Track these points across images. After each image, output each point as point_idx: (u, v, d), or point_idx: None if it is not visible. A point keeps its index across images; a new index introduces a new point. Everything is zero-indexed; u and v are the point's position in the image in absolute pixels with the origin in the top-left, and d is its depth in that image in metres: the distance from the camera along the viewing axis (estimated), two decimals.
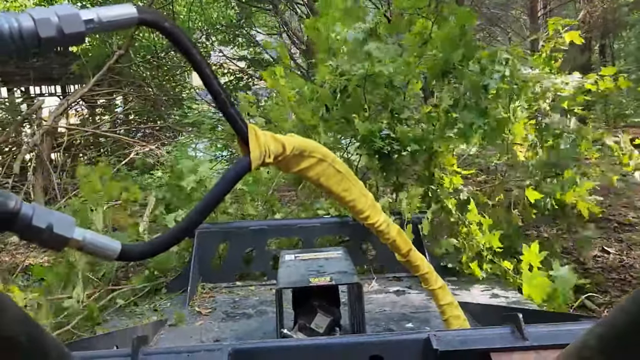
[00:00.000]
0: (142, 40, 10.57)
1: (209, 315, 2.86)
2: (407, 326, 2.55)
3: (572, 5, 12.47)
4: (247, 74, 10.68)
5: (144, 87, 10.15)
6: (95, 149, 9.61)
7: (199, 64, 0.85)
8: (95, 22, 0.66)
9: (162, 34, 0.79)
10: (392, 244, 1.51)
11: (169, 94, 10.93)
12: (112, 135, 8.80)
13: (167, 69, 11.39)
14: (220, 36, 11.67)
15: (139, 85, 10.26)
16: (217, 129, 9.43)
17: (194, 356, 1.13)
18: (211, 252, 3.46)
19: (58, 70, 10.23)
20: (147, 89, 10.01)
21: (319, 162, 1.23)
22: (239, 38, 11.55)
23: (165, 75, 11.42)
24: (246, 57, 11.31)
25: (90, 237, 0.72)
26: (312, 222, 3.54)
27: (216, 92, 0.89)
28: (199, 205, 0.91)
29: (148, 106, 10.77)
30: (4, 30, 0.58)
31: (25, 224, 0.63)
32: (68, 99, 8.22)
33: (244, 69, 10.68)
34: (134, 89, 10.35)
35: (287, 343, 1.37)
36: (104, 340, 1.79)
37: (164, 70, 11.27)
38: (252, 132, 1.00)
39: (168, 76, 11.49)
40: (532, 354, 1.10)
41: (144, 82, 10.12)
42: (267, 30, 11.89)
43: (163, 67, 11.20)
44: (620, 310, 0.59)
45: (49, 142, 7.39)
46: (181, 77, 12.27)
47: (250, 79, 10.66)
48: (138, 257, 0.83)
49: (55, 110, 7.73)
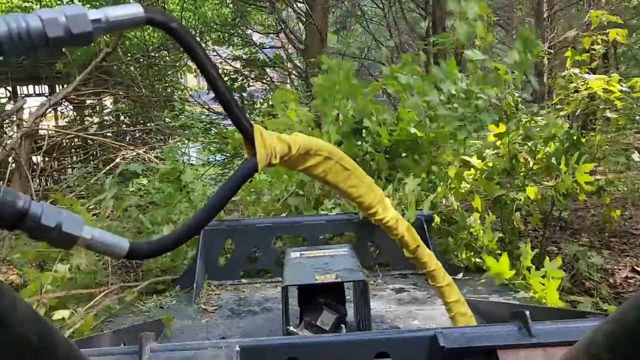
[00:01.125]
0: (132, 39, 10.20)
1: (215, 313, 2.86)
2: (413, 323, 2.55)
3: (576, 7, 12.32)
4: (243, 75, 10.31)
5: (133, 88, 9.59)
6: (83, 152, 9.24)
7: (205, 64, 0.85)
8: (102, 21, 0.66)
9: (169, 34, 0.79)
10: (400, 240, 1.51)
11: (160, 95, 10.51)
12: (97, 138, 8.30)
13: (159, 69, 10.94)
14: (215, 35, 11.26)
15: (128, 86, 9.69)
16: (210, 132, 9.29)
17: (201, 353, 1.13)
18: (217, 250, 3.47)
19: (45, 70, 9.70)
20: (137, 89, 9.49)
21: (325, 159, 1.23)
22: (235, 38, 11.19)
23: (156, 75, 10.93)
24: (241, 57, 10.95)
25: (98, 235, 0.73)
26: (318, 220, 3.54)
27: (221, 93, 0.89)
28: (207, 204, 0.92)
29: (137, 107, 10.33)
30: (12, 32, 0.58)
31: (34, 223, 0.64)
32: (50, 100, 7.73)
33: (239, 69, 10.30)
34: (122, 90, 9.82)
35: (293, 340, 1.37)
36: (111, 338, 1.80)
37: (155, 70, 10.82)
38: (258, 133, 1.00)
39: (159, 76, 11.01)
40: (539, 351, 1.09)
41: (133, 82, 9.55)
42: (264, 29, 11.47)
43: (154, 66, 10.74)
44: (629, 307, 0.59)
45: (27, 145, 6.92)
46: (174, 77, 11.86)
47: (245, 79, 10.29)
48: (146, 256, 0.83)
49: (36, 112, 7.26)
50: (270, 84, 10.22)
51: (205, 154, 9.93)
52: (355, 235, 3.55)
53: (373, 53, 10.52)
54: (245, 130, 0.98)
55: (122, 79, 9.57)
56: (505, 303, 2.65)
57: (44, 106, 7.43)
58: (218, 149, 9.52)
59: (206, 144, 9.48)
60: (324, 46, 8.45)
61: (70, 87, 7.86)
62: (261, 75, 10.12)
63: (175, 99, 10.65)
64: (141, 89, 9.49)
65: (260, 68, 10.00)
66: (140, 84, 9.61)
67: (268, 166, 1.04)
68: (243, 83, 10.04)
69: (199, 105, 10.18)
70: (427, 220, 3.40)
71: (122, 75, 9.62)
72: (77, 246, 0.70)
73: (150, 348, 1.13)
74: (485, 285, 3.10)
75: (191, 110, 10.76)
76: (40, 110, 7.34)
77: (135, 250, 0.78)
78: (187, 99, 10.81)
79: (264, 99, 10.57)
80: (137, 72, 10.08)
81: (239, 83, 9.88)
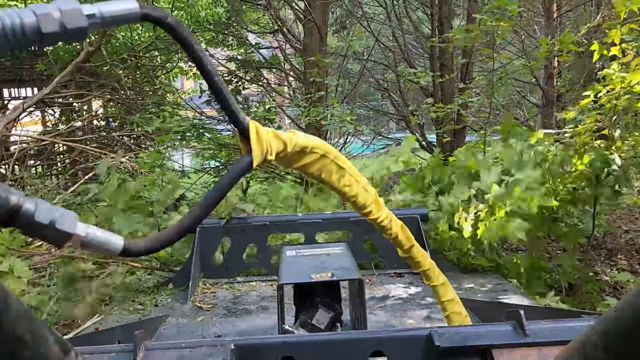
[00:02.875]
0: (118, 37, 9.53)
1: (210, 311, 2.86)
2: (408, 322, 2.56)
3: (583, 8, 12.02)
4: (237, 77, 9.56)
5: (119, 90, 8.78)
6: (67, 160, 8.56)
7: (201, 60, 0.85)
8: (97, 17, 0.65)
9: (165, 30, 0.79)
10: (394, 240, 1.51)
11: (149, 98, 9.63)
12: (73, 144, 7.62)
13: (148, 70, 10.06)
14: (209, 36, 10.63)
15: (113, 88, 8.85)
16: (204, 137, 8.73)
17: (196, 352, 1.13)
18: (213, 248, 3.47)
19: (29, 71, 9.10)
20: (122, 92, 8.74)
21: (321, 158, 1.23)
22: (229, 38, 10.55)
23: (144, 77, 10.09)
24: (236, 58, 10.23)
25: (92, 232, 0.72)
26: (314, 218, 3.54)
27: (218, 90, 0.89)
28: (202, 201, 0.91)
29: (122, 111, 9.59)
30: (6, 27, 0.58)
31: (28, 220, 0.63)
32: (24, 103, 7.17)
33: (234, 71, 9.55)
34: (108, 92, 9.00)
35: (288, 339, 1.37)
36: (105, 336, 1.80)
37: (144, 70, 9.97)
38: (254, 129, 1.00)
39: (148, 78, 10.16)
40: (534, 350, 1.10)
41: (118, 84, 8.67)
42: (260, 28, 10.88)
43: (143, 67, 9.87)
44: (623, 306, 0.59)
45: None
46: (167, 79, 11.02)
47: (240, 82, 9.57)
48: (141, 253, 0.83)
49: (9, 115, 6.82)
50: (266, 86, 9.76)
51: (200, 160, 9.46)
52: (351, 234, 3.55)
53: (374, 54, 10.04)
54: (241, 126, 0.98)
55: (106, 81, 8.80)
56: (500, 302, 2.66)
57: (17, 110, 6.98)
58: (212, 155, 9.16)
59: (199, 151, 9.08)
60: (324, 45, 8.13)
61: (47, 89, 7.26)
62: (257, 77, 9.65)
63: (165, 103, 9.89)
64: (127, 91, 8.86)
65: (256, 70, 9.41)
66: (126, 86, 8.99)
67: (264, 163, 1.04)
68: (238, 86, 9.45)
69: (192, 109, 9.63)
70: (422, 218, 3.40)
71: (107, 77, 8.85)
72: (70, 243, 0.69)
73: (145, 346, 1.13)
74: (479, 285, 3.11)
75: (183, 114, 9.99)
76: (13, 115, 6.90)
77: (129, 247, 0.77)
78: (181, 103, 10.17)
79: (259, 102, 10.20)
80: (124, 74, 9.29)
81: (234, 85, 9.26)
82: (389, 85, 10.10)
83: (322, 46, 7.86)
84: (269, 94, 9.61)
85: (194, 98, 10.38)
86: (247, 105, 9.11)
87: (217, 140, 8.64)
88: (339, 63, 8.78)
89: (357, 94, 11.42)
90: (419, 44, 10.42)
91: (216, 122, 9.30)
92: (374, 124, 12.84)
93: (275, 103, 9.39)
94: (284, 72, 9.88)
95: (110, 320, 2.80)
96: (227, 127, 9.19)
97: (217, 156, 9.14)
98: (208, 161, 9.34)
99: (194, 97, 10.15)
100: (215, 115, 9.18)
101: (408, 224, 1.58)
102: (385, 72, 10.55)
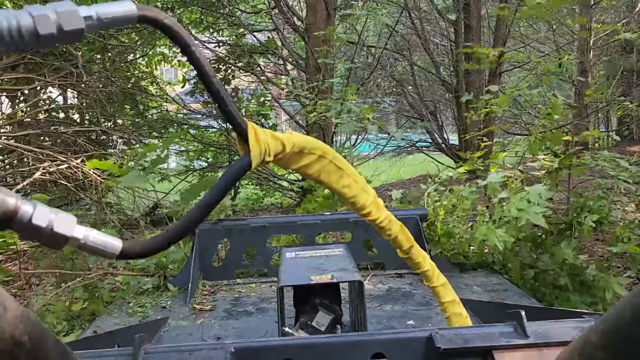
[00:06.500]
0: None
1: (210, 313, 2.85)
2: (408, 324, 2.55)
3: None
4: (227, 64, 8.17)
5: (80, 76, 6.74)
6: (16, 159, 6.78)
7: (198, 61, 0.85)
8: (94, 18, 0.65)
9: (162, 31, 0.78)
10: (393, 241, 1.50)
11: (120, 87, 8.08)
12: (7, 143, 6.05)
13: (118, 53, 8.40)
14: (195, 16, 8.94)
15: (73, 74, 6.84)
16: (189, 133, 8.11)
17: (196, 354, 1.12)
18: (212, 250, 3.46)
19: None
20: (82, 77, 6.73)
21: (319, 159, 1.22)
22: (219, 21, 8.95)
23: (113, 61, 8.41)
24: (226, 42, 8.70)
25: (90, 235, 0.72)
26: (313, 219, 3.53)
27: (215, 91, 0.89)
28: (200, 203, 0.91)
29: (85, 102, 8.04)
30: (3, 29, 0.58)
31: (25, 223, 0.63)
32: None
33: (222, 57, 8.17)
34: (68, 78, 7.00)
35: (288, 341, 1.37)
36: (105, 339, 1.79)
37: (114, 53, 8.32)
38: (252, 130, 1.00)
39: (119, 62, 8.54)
40: (535, 351, 1.09)
41: (78, 68, 6.67)
42: (253, 7, 9.18)
43: (113, 49, 8.18)
44: (623, 307, 0.59)
45: None
46: (148, 65, 9.40)
47: (229, 70, 8.21)
48: (139, 256, 0.82)
49: None
50: (260, 75, 8.30)
51: (186, 159, 8.49)
52: (351, 235, 3.55)
53: (385, 41, 8.62)
54: (239, 128, 0.98)
55: (61, 63, 6.87)
56: (501, 303, 2.66)
57: None
58: (198, 153, 8.27)
59: (185, 149, 8.27)
60: (331, 23, 6.85)
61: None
62: (250, 64, 8.16)
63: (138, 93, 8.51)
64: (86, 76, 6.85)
65: (249, 56, 8.01)
66: (92, 71, 7.38)
67: (262, 164, 1.04)
68: (227, 74, 8.11)
69: (175, 102, 8.51)
70: (422, 218, 3.40)
71: (63, 59, 6.93)
72: (69, 246, 0.69)
73: (145, 349, 1.12)
74: (480, 285, 3.11)
75: (165, 107, 9.11)
76: None
77: (127, 250, 0.77)
78: (159, 94, 8.93)
79: (252, 95, 8.88)
80: (87, 56, 7.69)
81: (222, 74, 7.97)
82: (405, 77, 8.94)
83: (329, 24, 6.76)
84: (264, 84, 8.35)
85: (176, 89, 9.37)
86: (237, 98, 8.06)
87: (202, 139, 7.99)
88: (354, 41, 7.33)
89: (375, 84, 9.86)
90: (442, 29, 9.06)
91: (202, 116, 8.50)
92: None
93: (271, 96, 8.38)
94: (281, 58, 8.58)
95: (110, 323, 2.79)
96: (211, 124, 8.44)
97: (204, 156, 8.37)
98: (192, 160, 8.42)
99: (179, 92, 9.17)
100: (201, 108, 8.38)
101: (407, 224, 1.58)
102: (398, 63, 9.46)
